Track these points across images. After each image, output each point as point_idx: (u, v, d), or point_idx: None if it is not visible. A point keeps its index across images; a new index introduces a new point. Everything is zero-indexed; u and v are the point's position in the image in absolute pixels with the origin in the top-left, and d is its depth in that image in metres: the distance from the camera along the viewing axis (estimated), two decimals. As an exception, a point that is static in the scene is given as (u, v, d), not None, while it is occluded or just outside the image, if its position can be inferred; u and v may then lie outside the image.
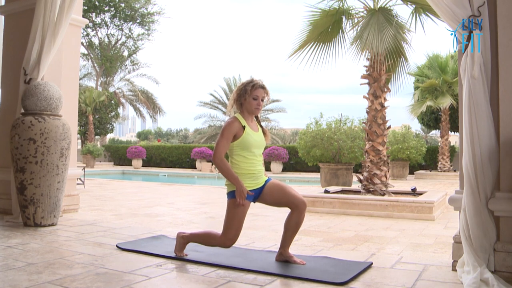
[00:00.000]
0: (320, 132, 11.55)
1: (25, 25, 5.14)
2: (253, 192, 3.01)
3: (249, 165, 3.03)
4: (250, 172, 3.04)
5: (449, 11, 2.85)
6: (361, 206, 6.21)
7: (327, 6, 7.38)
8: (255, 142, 3.05)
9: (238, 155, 3.04)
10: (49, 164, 4.33)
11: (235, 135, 3.01)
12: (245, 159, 3.03)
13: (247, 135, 3.03)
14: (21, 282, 2.54)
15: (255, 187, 3.06)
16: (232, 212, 2.99)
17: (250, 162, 3.04)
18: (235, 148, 3.03)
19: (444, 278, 2.78)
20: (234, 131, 3.00)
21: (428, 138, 40.75)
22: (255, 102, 3.06)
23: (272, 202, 3.11)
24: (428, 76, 17.42)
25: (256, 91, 3.05)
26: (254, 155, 3.06)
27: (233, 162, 3.05)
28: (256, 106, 3.06)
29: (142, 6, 30.86)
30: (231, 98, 3.16)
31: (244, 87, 3.07)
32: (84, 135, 26.39)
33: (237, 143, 3.02)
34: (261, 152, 3.15)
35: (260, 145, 3.11)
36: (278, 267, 2.97)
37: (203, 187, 11.55)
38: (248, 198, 3.01)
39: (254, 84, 3.06)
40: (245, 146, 3.02)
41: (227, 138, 2.98)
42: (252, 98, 3.05)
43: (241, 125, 3.03)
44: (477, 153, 2.72)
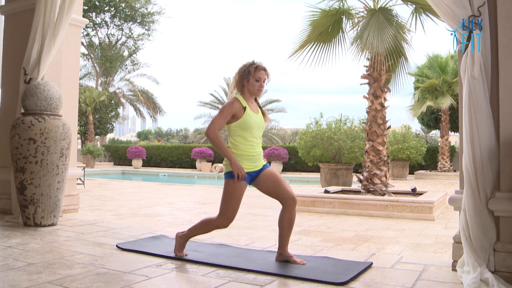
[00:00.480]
0: (320, 132, 11.55)
1: (25, 25, 5.14)
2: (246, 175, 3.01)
3: (248, 147, 3.04)
4: (249, 154, 3.04)
5: (449, 11, 2.85)
6: (361, 206, 6.21)
7: (327, 6, 7.38)
8: (255, 124, 3.07)
9: (238, 136, 3.04)
10: (49, 164, 4.33)
11: (235, 115, 3.01)
12: (245, 140, 3.04)
13: (248, 115, 3.03)
14: (21, 282, 2.54)
15: (253, 169, 3.07)
16: (229, 192, 3.01)
17: (250, 143, 3.05)
18: (235, 129, 3.04)
19: (444, 278, 2.78)
20: (233, 111, 3.01)
21: (428, 138, 40.76)
22: (257, 84, 3.08)
23: (264, 190, 3.12)
24: (428, 76, 17.42)
25: (259, 72, 3.08)
26: (253, 137, 3.07)
27: (233, 143, 3.06)
28: (258, 88, 3.09)
29: (142, 6, 30.86)
30: (233, 80, 3.17)
31: (247, 69, 3.08)
32: (84, 135, 26.39)
33: (237, 124, 3.02)
34: (261, 134, 3.17)
35: (260, 126, 3.13)
36: (278, 267, 2.97)
37: (203, 187, 11.55)
38: (245, 180, 3.02)
39: (257, 66, 3.09)
40: (246, 126, 3.02)
41: (224, 116, 2.99)
42: (255, 80, 3.07)
43: (241, 105, 3.04)
44: (477, 153, 2.72)
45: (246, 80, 3.07)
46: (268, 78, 3.14)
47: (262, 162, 3.14)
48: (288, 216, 3.07)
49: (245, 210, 6.47)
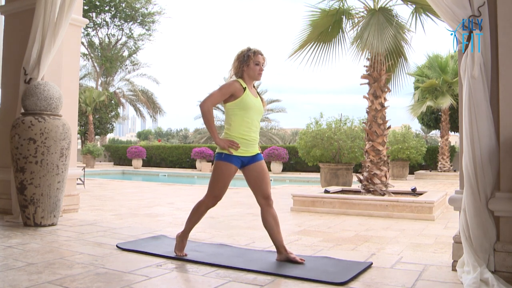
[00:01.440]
0: (320, 132, 11.55)
1: (25, 25, 5.14)
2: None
3: (244, 129, 3.06)
4: (244, 137, 3.06)
5: (449, 11, 2.85)
6: (361, 206, 6.21)
7: (327, 6, 7.39)
8: (254, 106, 3.09)
9: (235, 115, 3.06)
10: (49, 164, 4.33)
11: (234, 94, 3.04)
12: (242, 120, 3.06)
13: (247, 96, 3.07)
14: (21, 282, 2.54)
15: (245, 154, 3.09)
16: (218, 174, 3.05)
17: (246, 125, 3.06)
18: (233, 108, 3.06)
19: (444, 278, 2.78)
20: (232, 90, 3.04)
21: (428, 138, 40.74)
22: (257, 68, 3.13)
23: (249, 181, 3.16)
24: (428, 76, 17.42)
25: (258, 57, 3.13)
26: (251, 119, 3.08)
27: (229, 123, 3.08)
28: (259, 72, 3.13)
29: (143, 6, 30.84)
30: (232, 66, 3.19)
31: (246, 54, 3.12)
32: (84, 135, 26.38)
33: (236, 103, 3.05)
34: (259, 119, 3.18)
35: (259, 110, 3.15)
36: (278, 267, 2.97)
37: (203, 187, 11.54)
38: (235, 163, 3.05)
39: (255, 51, 3.14)
40: (244, 106, 3.04)
41: (223, 93, 3.03)
42: (254, 64, 3.11)
43: (241, 86, 3.07)
44: (477, 153, 2.72)
45: (246, 65, 3.11)
46: (265, 62, 3.18)
47: (256, 150, 3.15)
48: (268, 215, 3.12)
49: (245, 210, 6.47)
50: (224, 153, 3.04)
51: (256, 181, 3.12)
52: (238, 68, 3.14)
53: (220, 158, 3.05)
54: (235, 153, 3.04)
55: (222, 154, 3.05)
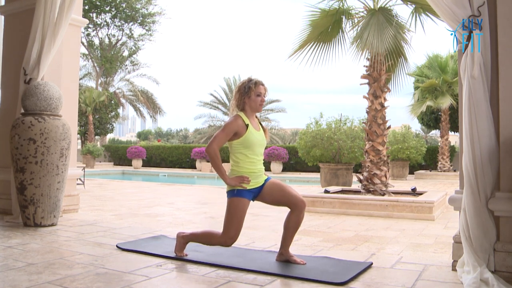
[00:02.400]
0: (320, 132, 11.55)
1: (25, 25, 5.14)
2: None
3: (249, 164, 3.04)
4: (251, 171, 3.04)
5: (449, 11, 2.85)
6: (361, 206, 6.21)
7: (327, 6, 7.39)
8: (257, 141, 3.07)
9: (240, 153, 3.05)
10: (49, 164, 4.33)
11: (237, 133, 3.02)
12: (247, 157, 3.04)
13: (250, 133, 3.04)
14: (21, 282, 2.54)
15: (255, 186, 3.07)
16: (232, 211, 3.00)
17: (251, 161, 3.05)
18: (238, 147, 3.04)
19: (444, 278, 2.78)
20: (236, 129, 3.01)
21: (428, 138, 40.74)
22: (259, 99, 3.10)
23: (271, 201, 3.12)
24: (428, 76, 17.42)
25: (259, 87, 3.11)
26: (255, 154, 3.07)
27: (235, 160, 3.07)
28: (260, 103, 3.11)
29: (143, 6, 30.86)
30: (234, 99, 3.17)
31: (247, 85, 3.10)
32: (84, 135, 26.38)
33: (240, 141, 3.03)
34: (262, 151, 3.17)
35: (262, 144, 3.14)
36: (278, 267, 2.97)
37: (203, 187, 11.55)
38: (247, 197, 3.02)
39: (256, 82, 3.11)
40: (248, 144, 3.03)
41: (227, 133, 3.01)
42: (256, 95, 3.09)
43: (244, 123, 3.05)
44: (477, 153, 2.72)
45: (248, 97, 3.09)
46: (266, 92, 3.16)
47: (264, 177, 3.14)
48: (296, 219, 3.06)
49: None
50: (236, 189, 3.02)
51: (279, 194, 3.06)
52: (240, 100, 3.11)
53: (232, 195, 3.01)
54: (246, 187, 3.02)
55: (234, 190, 3.01)
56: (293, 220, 3.06)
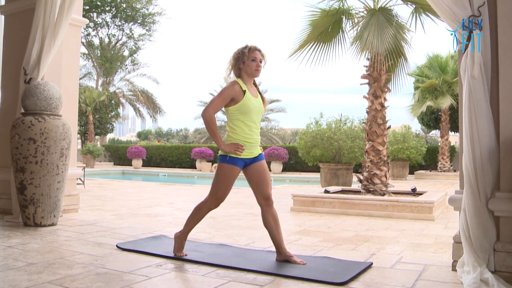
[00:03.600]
0: (320, 132, 11.55)
1: (25, 25, 5.14)
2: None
3: (246, 132, 3.05)
4: (247, 140, 3.05)
5: (449, 11, 2.85)
6: (361, 206, 6.21)
7: (327, 6, 7.38)
8: (254, 108, 3.07)
9: (237, 119, 3.04)
10: (49, 164, 4.33)
11: (234, 99, 3.02)
12: (244, 124, 3.04)
13: (247, 99, 3.03)
14: (21, 282, 2.54)
15: (248, 156, 3.08)
16: (221, 177, 3.03)
17: (248, 128, 3.05)
18: (235, 113, 3.04)
19: (444, 278, 2.78)
20: (233, 94, 3.01)
21: (428, 138, 40.73)
22: (254, 64, 3.07)
23: (249, 181, 3.15)
24: (428, 76, 17.42)
25: (253, 52, 3.09)
26: (252, 121, 3.07)
27: (231, 127, 3.06)
28: (256, 68, 3.08)
29: (143, 6, 30.86)
30: (229, 64, 3.15)
31: (242, 51, 3.10)
32: (84, 135, 26.39)
33: (237, 107, 3.02)
34: (260, 119, 3.17)
35: (259, 110, 3.13)
36: (278, 267, 2.97)
37: (203, 187, 11.55)
38: (239, 165, 3.04)
39: (251, 47, 3.10)
40: (245, 110, 3.02)
41: (223, 98, 3.00)
42: (250, 60, 3.07)
43: (241, 89, 3.04)
44: (477, 153, 2.72)
45: (242, 62, 3.08)
46: (264, 58, 3.14)
47: (258, 150, 3.14)
48: (269, 214, 3.11)
49: (245, 210, 6.47)
50: (228, 156, 3.03)
51: (258, 181, 3.11)
52: (235, 65, 3.11)
53: (224, 161, 3.03)
54: (239, 155, 3.03)
55: (227, 157, 3.03)
56: (269, 218, 3.11)
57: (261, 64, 3.11)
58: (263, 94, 3.28)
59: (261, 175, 3.11)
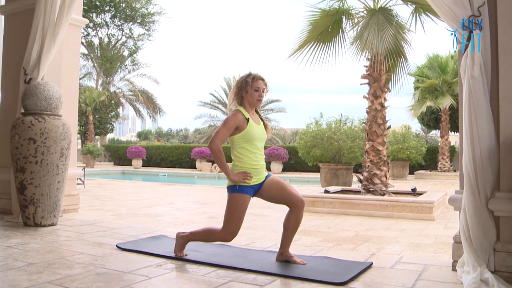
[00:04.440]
0: (320, 132, 11.55)
1: (25, 25, 5.14)
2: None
3: (252, 159, 3.04)
4: (253, 167, 3.04)
5: (449, 11, 2.85)
6: (361, 206, 6.21)
7: (327, 6, 7.39)
8: (258, 135, 3.07)
9: (241, 148, 3.04)
10: (49, 164, 4.33)
11: (238, 127, 3.01)
12: (249, 152, 3.04)
13: (251, 127, 3.03)
14: (21, 282, 2.54)
15: (256, 182, 3.06)
16: (233, 207, 3.00)
17: (253, 155, 3.04)
18: (239, 141, 3.04)
19: (444, 278, 2.78)
20: (237, 123, 3.01)
21: (428, 138, 40.74)
22: (256, 94, 3.07)
23: (270, 198, 3.12)
24: (428, 76, 17.42)
25: (257, 82, 3.08)
26: (257, 148, 3.07)
27: (236, 156, 3.05)
28: (258, 98, 3.08)
29: (143, 6, 30.86)
30: (232, 93, 3.16)
31: (245, 80, 3.09)
32: (84, 135, 26.39)
33: (240, 136, 3.02)
34: (263, 145, 3.17)
35: (263, 138, 3.13)
36: (278, 267, 2.97)
37: (203, 187, 11.55)
38: (248, 193, 3.02)
39: (254, 76, 3.09)
40: (249, 138, 3.02)
41: (228, 128, 3.00)
42: (253, 90, 3.07)
43: (244, 117, 3.04)
44: (477, 153, 2.72)
45: (245, 91, 3.07)
46: (266, 88, 3.14)
47: (265, 174, 3.13)
48: (295, 218, 3.06)
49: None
50: (237, 185, 3.00)
51: (279, 192, 3.06)
52: (237, 94, 3.10)
53: (234, 191, 3.00)
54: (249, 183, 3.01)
55: (236, 186, 3.00)
56: (292, 220, 3.06)
57: (263, 94, 3.11)
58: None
59: (278, 186, 3.08)
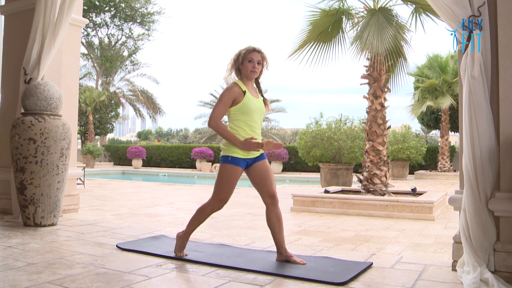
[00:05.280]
0: (320, 132, 11.55)
1: (25, 25, 5.14)
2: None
3: (247, 133, 3.02)
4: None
5: (449, 11, 2.85)
6: (361, 206, 6.21)
7: (327, 6, 7.38)
8: (256, 108, 3.05)
9: (238, 120, 3.02)
10: (49, 164, 4.33)
11: (235, 100, 3.00)
12: (245, 124, 3.02)
13: (248, 99, 3.01)
14: (21, 282, 2.54)
15: (250, 156, 3.06)
16: (224, 177, 3.00)
17: (250, 128, 3.03)
18: (235, 113, 3.02)
19: (444, 278, 2.78)
20: (233, 96, 2.99)
21: (428, 138, 40.76)
22: (250, 65, 3.04)
23: (252, 180, 3.12)
24: (428, 76, 17.42)
25: (251, 53, 3.06)
26: (254, 121, 3.05)
27: (233, 128, 3.04)
28: (251, 69, 3.04)
29: (142, 6, 30.86)
30: (228, 65, 3.14)
31: (239, 52, 3.08)
32: (84, 135, 26.38)
33: (237, 108, 3.00)
34: (261, 119, 3.15)
35: (261, 111, 3.11)
36: (278, 267, 2.97)
37: (203, 187, 11.55)
38: (241, 165, 3.01)
39: (249, 48, 3.07)
40: (246, 110, 3.00)
41: (224, 103, 2.98)
42: (247, 61, 3.04)
43: (241, 90, 3.02)
44: (477, 153, 2.72)
45: (241, 63, 3.06)
46: (265, 61, 3.10)
47: (261, 151, 3.12)
48: (274, 214, 3.09)
49: (245, 210, 6.47)
50: (230, 156, 3.00)
51: (261, 179, 3.08)
52: (233, 66, 3.10)
53: (226, 161, 3.01)
54: (241, 156, 3.00)
55: (229, 157, 3.00)
56: (272, 217, 3.08)
57: (258, 66, 3.06)
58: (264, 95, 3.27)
59: (264, 173, 3.08)
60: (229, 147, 3.03)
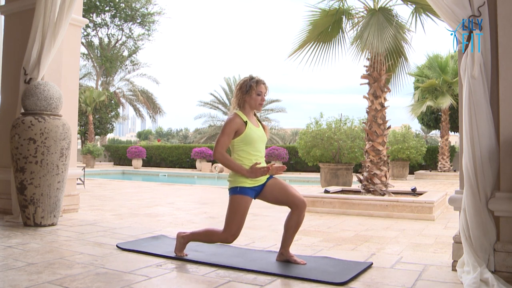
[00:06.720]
0: (320, 132, 11.55)
1: (25, 25, 5.14)
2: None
3: (252, 162, 3.03)
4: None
5: (449, 11, 2.85)
6: (361, 206, 6.21)
7: (327, 6, 7.39)
8: (257, 137, 3.07)
9: (241, 150, 3.04)
10: (49, 164, 4.33)
11: (237, 131, 3.02)
12: (249, 154, 3.04)
13: (250, 130, 3.04)
14: (21, 282, 2.54)
15: (257, 184, 3.06)
16: (234, 208, 2.99)
17: (254, 158, 3.05)
18: (239, 144, 3.04)
19: (444, 278, 2.78)
20: (235, 127, 3.01)
21: (428, 138, 40.76)
22: (259, 98, 3.09)
23: (272, 200, 3.11)
24: (428, 76, 17.43)
25: (260, 86, 3.10)
26: (257, 151, 3.07)
27: (237, 158, 3.05)
28: (260, 102, 3.10)
29: (143, 6, 30.86)
30: (235, 96, 3.16)
31: (249, 84, 3.09)
32: (84, 135, 26.39)
33: (240, 139, 3.02)
34: (264, 148, 3.16)
35: (262, 140, 3.13)
36: (278, 267, 2.97)
37: (203, 187, 11.55)
38: (249, 195, 3.02)
39: (258, 80, 3.10)
40: (249, 141, 3.02)
41: (228, 134, 3.00)
42: (256, 94, 3.08)
43: (242, 120, 3.04)
44: (477, 153, 2.72)
45: (248, 95, 3.08)
46: (267, 91, 3.16)
47: (266, 176, 3.12)
48: (296, 219, 3.05)
49: (245, 210, 6.47)
50: (239, 187, 3.00)
51: (281, 193, 3.05)
52: (241, 98, 3.11)
53: (235, 192, 3.00)
54: (249, 185, 3.00)
55: (237, 188, 3.00)
56: (293, 220, 3.05)
57: (264, 98, 3.14)
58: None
59: (279, 187, 3.07)
60: (236, 178, 3.02)
